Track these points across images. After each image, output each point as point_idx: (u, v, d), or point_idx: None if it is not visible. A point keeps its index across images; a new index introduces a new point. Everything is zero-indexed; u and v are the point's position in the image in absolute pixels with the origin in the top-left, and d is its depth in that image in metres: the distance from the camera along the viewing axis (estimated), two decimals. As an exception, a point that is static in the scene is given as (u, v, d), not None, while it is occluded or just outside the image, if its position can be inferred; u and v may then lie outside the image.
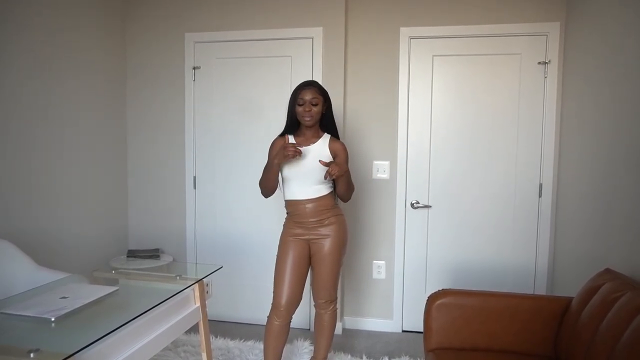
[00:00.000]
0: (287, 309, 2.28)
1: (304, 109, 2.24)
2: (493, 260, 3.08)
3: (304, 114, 2.25)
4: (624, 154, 2.08)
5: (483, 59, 3.01)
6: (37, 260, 2.27)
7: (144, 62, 3.34)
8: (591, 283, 1.90)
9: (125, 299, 1.84)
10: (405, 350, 2.88)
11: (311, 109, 2.24)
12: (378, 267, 3.23)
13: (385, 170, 3.16)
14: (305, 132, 2.34)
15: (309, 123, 2.27)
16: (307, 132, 2.33)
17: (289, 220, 2.37)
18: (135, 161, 3.42)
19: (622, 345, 1.49)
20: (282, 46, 3.15)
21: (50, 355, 1.19)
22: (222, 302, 3.31)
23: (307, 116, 2.25)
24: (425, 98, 3.09)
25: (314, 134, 2.34)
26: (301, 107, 2.25)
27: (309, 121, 2.26)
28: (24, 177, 2.53)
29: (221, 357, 2.72)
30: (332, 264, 2.32)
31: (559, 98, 2.92)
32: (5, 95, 2.40)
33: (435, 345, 2.06)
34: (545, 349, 1.99)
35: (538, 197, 3.00)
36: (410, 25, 3.06)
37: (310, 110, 2.24)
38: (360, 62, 3.15)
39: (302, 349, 2.81)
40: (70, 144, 2.86)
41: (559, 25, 2.89)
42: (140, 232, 3.45)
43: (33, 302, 1.61)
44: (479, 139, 3.04)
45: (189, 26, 3.26)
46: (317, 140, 2.32)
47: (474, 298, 2.10)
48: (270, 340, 2.31)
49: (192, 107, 3.30)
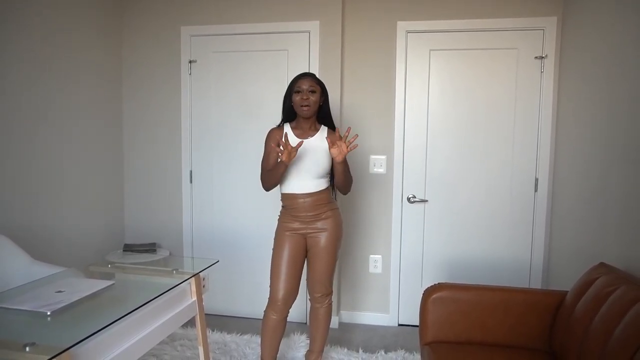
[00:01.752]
0: (284, 303, 2.28)
1: (302, 96, 2.20)
2: (489, 255, 3.10)
3: (301, 102, 2.20)
4: (620, 148, 2.09)
5: (480, 53, 3.00)
6: (33, 254, 2.27)
7: (140, 56, 3.33)
8: (586, 277, 1.91)
9: (121, 293, 1.84)
10: (401, 344, 2.89)
11: (309, 97, 2.20)
12: (374, 261, 3.24)
13: (382, 164, 3.16)
14: (302, 124, 2.31)
15: (306, 113, 2.23)
16: (304, 125, 2.30)
17: (285, 214, 2.35)
18: (131, 155, 3.41)
19: (615, 339, 1.50)
20: (278, 40, 3.14)
21: (46, 349, 1.19)
22: (218, 296, 3.32)
23: (305, 104, 2.20)
24: (422, 92, 3.09)
25: (311, 126, 2.31)
26: (298, 95, 2.21)
27: (307, 111, 2.21)
28: (19, 172, 2.52)
29: (218, 350, 2.73)
30: (328, 258, 2.32)
31: (555, 93, 2.92)
32: (4, 93, 2.39)
33: (431, 339, 2.08)
34: (540, 343, 2.00)
35: (534, 192, 3.01)
36: (407, 20, 3.05)
37: (308, 99, 2.19)
38: (357, 56, 3.14)
39: (299, 342, 2.82)
40: (66, 138, 2.85)
41: (555, 20, 2.88)
42: (136, 226, 3.45)
43: (29, 296, 1.61)
44: (475, 134, 3.05)
45: (185, 20, 3.24)
46: (314, 133, 2.30)
47: (470, 292, 2.11)
48: (267, 335, 2.31)
49: (188, 101, 3.29)
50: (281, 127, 2.35)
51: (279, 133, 2.29)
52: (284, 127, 2.33)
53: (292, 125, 2.34)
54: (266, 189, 2.33)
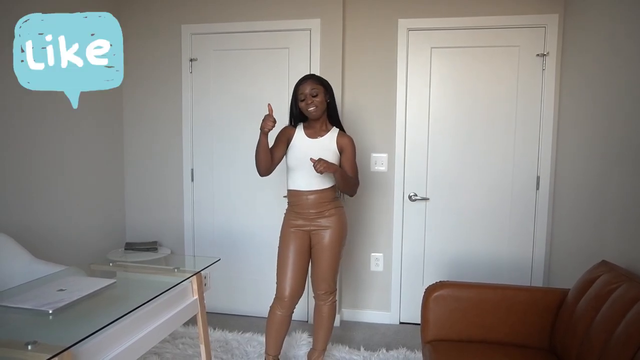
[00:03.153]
0: (290, 300, 2.30)
1: (306, 102, 2.25)
2: (490, 253, 3.09)
3: (307, 107, 2.25)
4: (621, 146, 2.08)
5: (481, 51, 2.99)
6: (34, 253, 2.27)
7: (141, 54, 3.32)
8: (587, 275, 1.91)
9: (123, 292, 1.85)
10: (403, 342, 2.89)
11: (313, 101, 2.24)
12: (376, 259, 3.24)
13: (384, 162, 3.16)
14: (313, 125, 2.34)
15: (315, 114, 2.26)
16: (316, 125, 2.34)
17: (290, 211, 2.38)
18: (132, 154, 3.41)
19: (616, 337, 1.50)
20: (279, 38, 3.13)
21: (48, 347, 1.19)
22: (220, 295, 3.32)
23: (311, 106, 2.24)
24: (423, 90, 3.08)
25: (322, 126, 2.34)
26: (303, 102, 2.26)
27: (315, 111, 2.25)
28: (20, 170, 2.52)
29: (219, 349, 2.73)
30: (331, 256, 2.33)
31: (557, 90, 2.91)
32: (3, 93, 2.38)
33: (432, 337, 2.08)
34: (541, 341, 2.00)
35: (535, 190, 3.00)
36: (408, 17, 3.04)
37: (313, 102, 2.24)
38: (359, 54, 3.13)
39: (301, 340, 2.82)
40: (67, 136, 2.85)
41: (557, 17, 2.87)
42: (137, 225, 3.45)
43: (31, 294, 1.61)
44: (476, 131, 3.04)
45: (186, 18, 3.23)
46: (325, 133, 2.34)
47: (471, 290, 2.11)
48: (272, 331, 2.33)
49: (189, 99, 3.29)
50: (294, 127, 2.38)
51: (290, 131, 2.36)
52: (297, 127, 2.37)
53: (304, 124, 2.38)
54: (258, 171, 2.29)
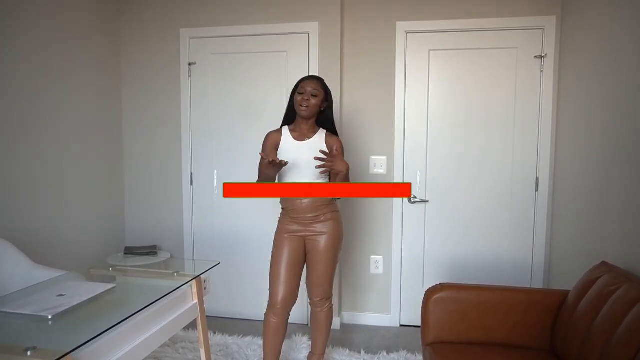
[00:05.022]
0: (283, 307, 2.27)
1: (303, 97, 2.22)
2: (490, 254, 3.09)
3: (301, 103, 2.23)
4: (620, 147, 2.08)
5: (479, 53, 3.00)
6: (33, 258, 2.27)
7: (140, 59, 3.33)
8: (587, 276, 1.91)
9: (122, 296, 1.84)
10: (403, 345, 2.89)
11: (309, 99, 2.22)
12: (376, 262, 3.23)
13: (383, 165, 3.16)
14: (301, 126, 2.31)
15: (304, 114, 2.24)
16: (303, 127, 2.31)
17: (284, 216, 2.35)
18: (131, 158, 3.41)
19: (617, 338, 1.50)
20: (277, 41, 3.14)
21: (47, 353, 1.19)
22: (219, 298, 3.32)
23: (303, 105, 2.22)
24: (422, 92, 3.09)
25: (309, 129, 2.32)
26: (300, 95, 2.24)
27: (305, 111, 2.23)
28: (19, 175, 2.52)
29: (220, 353, 2.72)
30: (327, 262, 2.30)
31: (555, 92, 2.92)
32: (3, 95, 2.39)
33: (432, 339, 2.07)
34: (542, 343, 2.00)
35: (535, 191, 3.01)
36: (406, 20, 3.05)
37: (309, 100, 2.22)
38: (357, 57, 3.14)
39: (301, 344, 2.82)
40: (66, 141, 2.85)
41: (555, 19, 2.88)
42: (137, 229, 3.45)
43: (30, 300, 1.60)
44: (475, 133, 3.05)
45: (184, 22, 3.24)
46: (312, 135, 2.31)
47: (471, 292, 2.11)
48: (268, 338, 2.31)
49: (187, 103, 3.29)
50: (279, 130, 2.35)
51: (275, 136, 2.32)
52: (282, 130, 2.34)
53: (290, 128, 2.35)
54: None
